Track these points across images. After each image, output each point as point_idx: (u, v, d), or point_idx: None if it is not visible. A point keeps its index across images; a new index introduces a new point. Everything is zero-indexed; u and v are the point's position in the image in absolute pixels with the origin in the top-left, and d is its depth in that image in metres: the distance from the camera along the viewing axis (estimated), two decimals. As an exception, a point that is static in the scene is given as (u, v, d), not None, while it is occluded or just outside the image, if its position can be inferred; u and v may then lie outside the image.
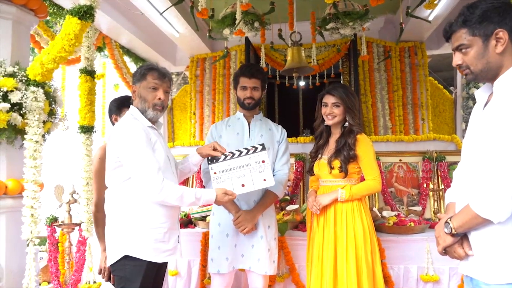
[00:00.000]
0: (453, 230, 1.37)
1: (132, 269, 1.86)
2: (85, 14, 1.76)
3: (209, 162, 2.05)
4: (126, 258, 1.87)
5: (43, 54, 1.74)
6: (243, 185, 1.88)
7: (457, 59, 1.42)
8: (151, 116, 1.98)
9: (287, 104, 7.04)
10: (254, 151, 1.99)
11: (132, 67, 5.36)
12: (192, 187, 3.93)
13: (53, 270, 3.10)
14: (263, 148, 1.97)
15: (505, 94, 1.31)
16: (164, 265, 2.11)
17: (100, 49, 4.56)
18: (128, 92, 5.18)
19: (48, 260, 3.15)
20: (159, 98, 1.96)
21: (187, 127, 5.69)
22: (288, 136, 4.07)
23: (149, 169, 1.82)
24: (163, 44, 5.32)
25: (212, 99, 5.40)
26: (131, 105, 2.04)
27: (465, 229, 1.36)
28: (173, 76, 6.38)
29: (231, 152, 2.04)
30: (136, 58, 5.29)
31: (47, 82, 1.84)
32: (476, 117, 1.45)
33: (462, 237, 1.40)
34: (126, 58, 5.10)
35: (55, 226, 3.14)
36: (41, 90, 1.76)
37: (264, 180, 1.85)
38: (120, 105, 2.50)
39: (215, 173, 1.98)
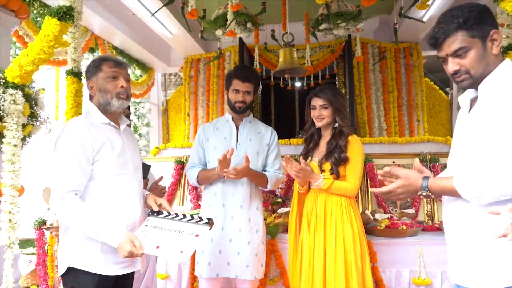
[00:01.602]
0: (427, 192, 1.35)
1: (83, 281, 1.70)
2: (65, 15, 1.72)
3: (150, 214, 1.89)
4: (74, 270, 1.71)
5: (22, 56, 1.70)
6: (157, 247, 1.70)
7: (453, 64, 1.34)
8: (116, 107, 1.81)
9: (283, 105, 7.02)
10: (197, 222, 1.80)
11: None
12: (184, 195, 3.88)
13: (41, 273, 3.07)
14: (208, 223, 1.81)
15: (492, 94, 1.29)
16: (128, 277, 1.90)
17: (92, 50, 4.53)
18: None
19: (36, 264, 3.13)
20: (122, 86, 1.79)
21: (182, 128, 5.67)
22: (285, 137, 4.08)
23: (60, 176, 1.67)
24: (157, 45, 5.30)
25: (206, 100, 5.38)
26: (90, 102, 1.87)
27: (438, 193, 1.37)
28: (168, 76, 6.36)
29: (176, 213, 1.87)
30: (130, 59, 5.27)
31: (27, 84, 1.80)
32: (461, 122, 1.42)
33: None
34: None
35: (44, 229, 3.11)
36: (20, 93, 1.72)
37: (181, 252, 1.65)
38: None
39: (146, 225, 1.80)
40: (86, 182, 1.73)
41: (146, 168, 2.59)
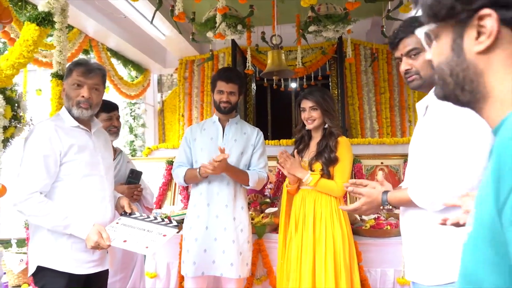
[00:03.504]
0: (388, 205, 1.49)
1: (52, 280, 1.73)
2: (44, 20, 1.78)
3: (123, 214, 1.96)
4: (43, 270, 1.75)
5: (2, 60, 1.76)
6: (124, 241, 1.76)
7: (406, 64, 1.45)
8: (77, 115, 1.85)
9: (279, 106, 7.06)
10: (166, 224, 1.88)
11: (121, 69, 5.39)
12: (174, 195, 3.94)
13: (32, 272, 3.12)
14: (176, 226, 1.89)
15: (440, 103, 1.34)
16: (100, 276, 1.93)
17: (86, 52, 4.58)
18: (116, 95, 5.21)
19: (26, 262, 3.18)
20: (82, 96, 1.82)
21: (177, 129, 5.73)
22: (281, 138, 4.12)
23: (25, 176, 1.71)
24: (152, 46, 5.35)
25: (200, 101, 5.44)
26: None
27: (397, 205, 1.49)
28: (165, 77, 6.41)
29: (147, 215, 1.95)
30: (125, 60, 5.32)
31: (9, 87, 1.85)
32: (416, 129, 1.52)
33: None
34: (114, 61, 5.12)
35: (35, 229, 3.16)
36: (1, 96, 1.77)
37: (146, 247, 1.74)
38: None
39: (117, 223, 1.87)
40: (51, 183, 1.77)
41: (138, 175, 2.63)
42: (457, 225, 1.04)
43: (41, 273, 1.76)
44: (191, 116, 5.46)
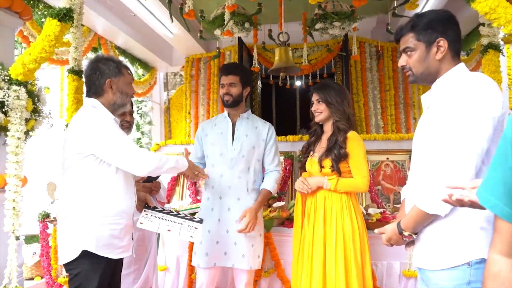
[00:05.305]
0: (413, 236, 1.46)
1: (90, 266, 1.80)
2: (65, 16, 1.84)
3: (146, 206, 2.04)
4: (84, 255, 1.80)
5: (25, 55, 1.82)
6: (169, 230, 1.90)
7: (402, 60, 1.53)
8: (125, 109, 2.04)
9: (284, 103, 7.12)
10: (191, 220, 2.02)
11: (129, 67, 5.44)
12: (183, 190, 4.01)
13: (45, 264, 3.18)
14: (200, 222, 2.03)
15: (441, 95, 1.44)
16: (119, 262, 2.03)
17: (95, 49, 4.65)
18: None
19: (40, 255, 3.24)
20: (134, 92, 2.05)
21: (183, 126, 5.79)
22: (286, 135, 4.16)
23: (132, 147, 1.82)
24: (159, 44, 5.40)
25: (206, 99, 5.49)
26: (91, 98, 1.96)
27: (419, 228, 1.44)
28: (171, 75, 6.47)
29: (170, 210, 2.06)
30: (133, 58, 5.38)
31: (30, 81, 1.92)
32: (419, 123, 1.58)
33: None
34: (122, 59, 5.18)
35: (47, 222, 3.23)
36: (23, 89, 1.83)
37: (191, 237, 1.90)
38: None
39: (146, 214, 1.97)
40: None
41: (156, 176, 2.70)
42: (460, 202, 1.04)
43: (82, 259, 1.80)
44: (197, 114, 5.52)
